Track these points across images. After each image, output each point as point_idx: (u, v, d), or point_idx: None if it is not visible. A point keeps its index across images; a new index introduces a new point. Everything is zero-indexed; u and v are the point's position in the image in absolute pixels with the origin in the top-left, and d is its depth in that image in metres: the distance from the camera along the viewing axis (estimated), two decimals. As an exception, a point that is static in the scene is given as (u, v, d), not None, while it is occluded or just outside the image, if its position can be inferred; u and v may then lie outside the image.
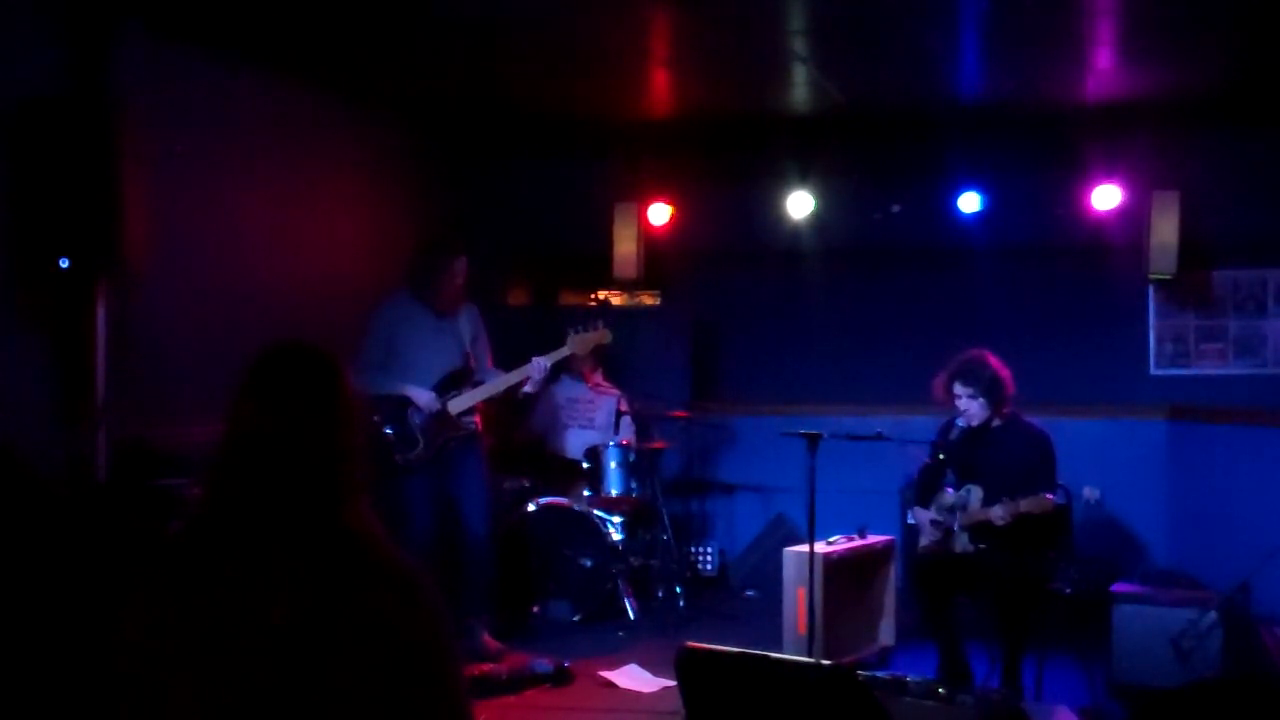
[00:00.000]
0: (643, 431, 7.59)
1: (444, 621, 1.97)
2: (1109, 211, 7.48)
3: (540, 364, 6.10)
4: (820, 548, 5.63)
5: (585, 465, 7.08)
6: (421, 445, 5.98)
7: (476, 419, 6.16)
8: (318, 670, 1.85)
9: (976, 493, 5.48)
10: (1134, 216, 7.38)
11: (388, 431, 5.97)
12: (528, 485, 7.14)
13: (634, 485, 7.03)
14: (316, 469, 2.01)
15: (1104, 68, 6.55)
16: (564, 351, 6.31)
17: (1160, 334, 7.86)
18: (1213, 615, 5.38)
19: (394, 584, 1.94)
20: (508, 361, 6.23)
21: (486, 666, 5.58)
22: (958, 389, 5.55)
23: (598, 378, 7.56)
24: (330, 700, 1.84)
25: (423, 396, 5.97)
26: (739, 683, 2.95)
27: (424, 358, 6.04)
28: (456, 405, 6.04)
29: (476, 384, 6.11)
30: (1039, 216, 7.74)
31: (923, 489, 5.77)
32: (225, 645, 1.87)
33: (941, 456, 5.62)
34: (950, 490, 5.65)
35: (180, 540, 2.05)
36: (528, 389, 6.22)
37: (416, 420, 5.99)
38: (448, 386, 6.05)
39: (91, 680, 2.02)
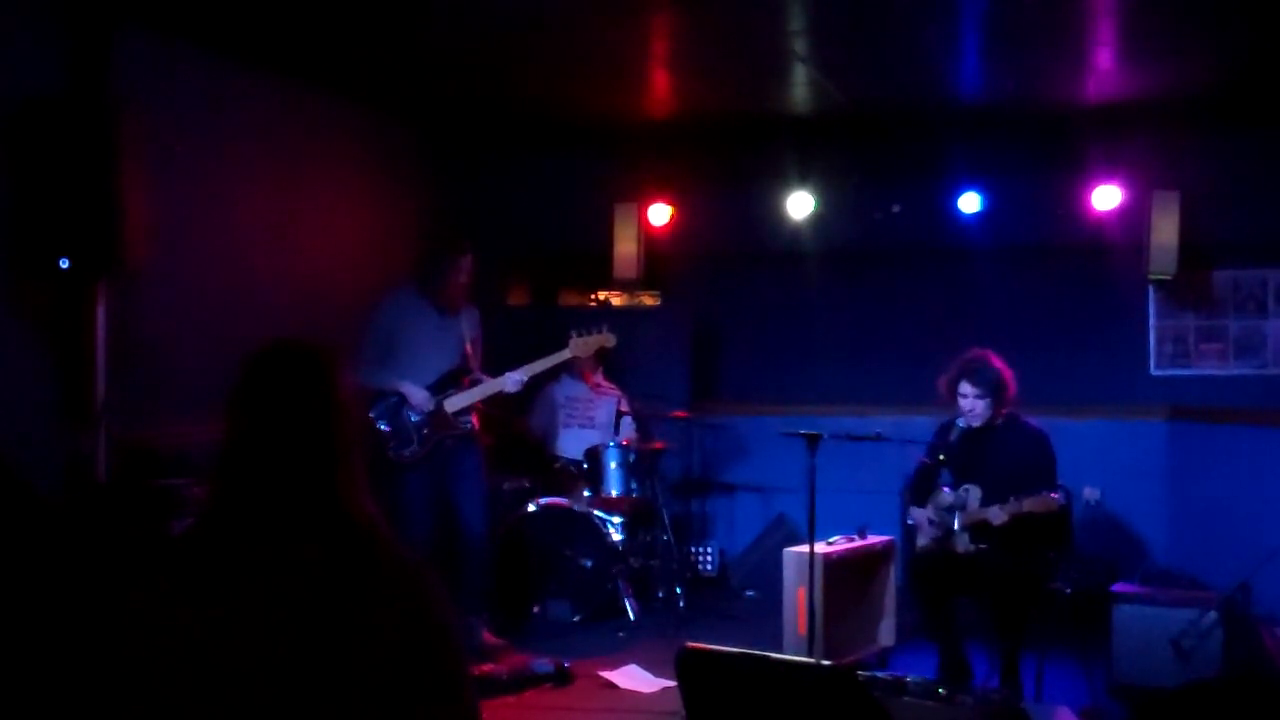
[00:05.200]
0: (643, 432, 7.59)
1: (451, 616, 1.98)
2: (1109, 211, 7.48)
3: (513, 379, 6.11)
4: (820, 548, 5.62)
5: (585, 465, 7.07)
6: (416, 443, 5.98)
7: (474, 419, 6.16)
8: (327, 665, 1.85)
9: (975, 492, 5.48)
10: (1134, 216, 7.38)
11: (382, 428, 5.97)
12: (528, 485, 7.14)
13: (634, 485, 7.03)
14: (315, 465, 2.01)
15: (1104, 68, 6.54)
16: (564, 354, 6.31)
17: (1160, 334, 7.85)
18: (1213, 615, 5.38)
19: (401, 579, 1.95)
20: (508, 362, 6.22)
21: (487, 667, 5.58)
22: (965, 389, 5.55)
23: (598, 378, 7.56)
24: (340, 695, 1.85)
25: (417, 395, 5.97)
26: (739, 683, 2.95)
27: (425, 355, 6.04)
28: (452, 405, 6.04)
29: (474, 384, 6.11)
30: (1039, 217, 7.74)
31: (919, 489, 5.77)
32: (235, 643, 1.88)
33: (942, 457, 5.62)
34: (947, 490, 5.64)
35: (187, 539, 2.05)
36: (509, 390, 6.21)
37: (412, 418, 5.99)
38: (445, 385, 6.05)
39: (93, 684, 2.01)
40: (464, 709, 1.97)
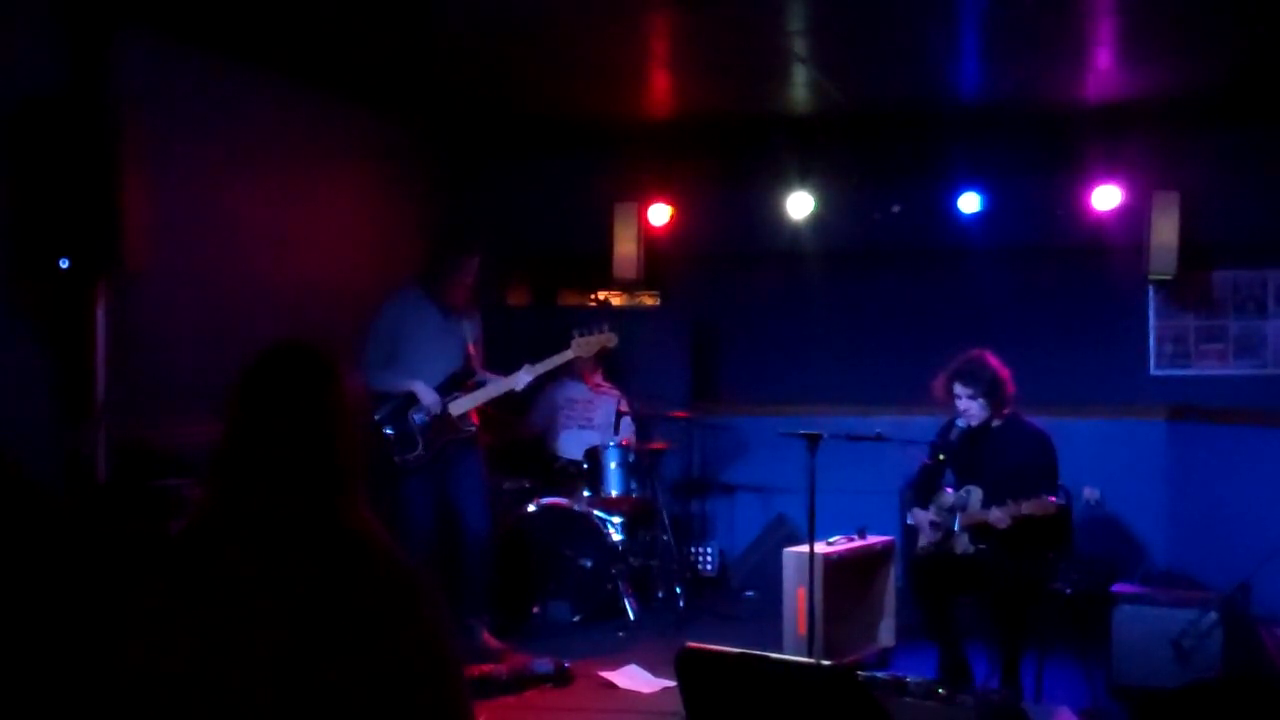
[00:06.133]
0: (642, 432, 7.58)
1: (444, 622, 1.98)
2: (1109, 212, 7.48)
3: (523, 377, 6.11)
4: (820, 548, 5.62)
5: (585, 466, 7.07)
6: (421, 447, 5.98)
7: (474, 420, 6.16)
8: (320, 671, 1.85)
9: (976, 493, 5.48)
10: (1134, 217, 7.38)
11: (387, 432, 5.97)
12: (528, 485, 7.14)
13: (634, 485, 7.03)
14: (314, 469, 2.01)
15: (1104, 68, 6.55)
16: (567, 355, 6.30)
17: (1160, 334, 7.85)
18: (1213, 616, 5.38)
19: (394, 585, 1.95)
20: (508, 363, 6.22)
21: (487, 667, 5.58)
22: (958, 389, 5.55)
23: (598, 378, 7.56)
24: (332, 701, 1.84)
25: (428, 396, 5.97)
26: (739, 683, 2.94)
27: (429, 356, 6.03)
28: (457, 407, 6.04)
29: (477, 386, 6.11)
30: (1039, 217, 7.74)
31: (921, 489, 5.77)
32: (228, 648, 1.88)
33: (941, 457, 5.61)
34: (950, 491, 5.64)
35: (181, 542, 2.05)
36: (519, 388, 6.21)
37: (417, 421, 5.99)
38: (450, 387, 6.05)
39: (91, 684, 2.01)
40: (457, 716, 1.96)
